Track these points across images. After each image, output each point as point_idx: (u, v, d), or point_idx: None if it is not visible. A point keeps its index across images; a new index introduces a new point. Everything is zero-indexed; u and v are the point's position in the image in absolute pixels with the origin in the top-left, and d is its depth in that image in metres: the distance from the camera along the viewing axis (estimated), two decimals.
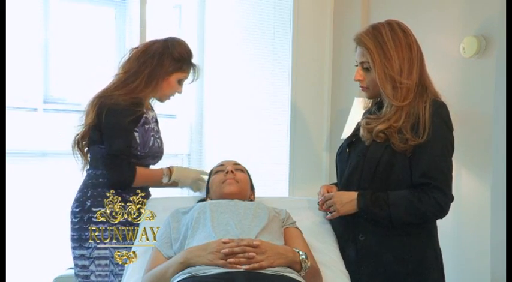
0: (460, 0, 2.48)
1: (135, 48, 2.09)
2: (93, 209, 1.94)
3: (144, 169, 2.01)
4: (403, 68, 1.66)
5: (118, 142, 1.94)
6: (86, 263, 1.93)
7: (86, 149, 2.05)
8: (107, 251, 1.93)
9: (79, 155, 2.06)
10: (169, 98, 2.15)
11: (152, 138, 2.03)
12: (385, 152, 1.65)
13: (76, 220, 1.96)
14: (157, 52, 2.02)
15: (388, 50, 1.67)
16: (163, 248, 1.65)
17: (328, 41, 3.37)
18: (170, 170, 2.04)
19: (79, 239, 1.94)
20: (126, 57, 2.07)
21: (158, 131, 2.13)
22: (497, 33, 2.25)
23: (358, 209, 1.67)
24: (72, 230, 1.97)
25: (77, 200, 1.99)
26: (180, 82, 2.10)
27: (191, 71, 2.12)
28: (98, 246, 1.91)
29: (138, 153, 1.99)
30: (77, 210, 1.97)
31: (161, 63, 2.02)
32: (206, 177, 2.04)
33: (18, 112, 2.74)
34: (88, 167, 2.05)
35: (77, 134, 2.03)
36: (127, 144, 1.95)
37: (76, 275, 1.97)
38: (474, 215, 2.36)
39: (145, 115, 2.02)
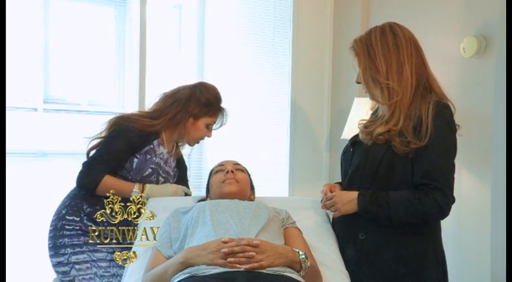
0: (460, 0, 2.48)
1: (164, 92, 2.13)
2: (67, 217, 1.97)
3: (113, 179, 1.97)
4: (389, 70, 1.66)
5: (104, 151, 1.98)
6: (66, 269, 1.93)
7: None
8: (85, 255, 1.93)
9: None
10: (198, 142, 2.18)
11: (150, 169, 2.03)
12: (386, 153, 1.66)
13: (51, 228, 1.99)
14: (184, 97, 2.07)
15: (374, 52, 1.68)
16: (163, 248, 1.65)
17: (328, 41, 3.37)
18: (143, 187, 2.00)
19: (54, 246, 1.96)
20: (156, 100, 2.12)
21: (169, 173, 2.12)
22: (497, 33, 2.25)
23: (358, 209, 1.67)
24: (48, 238, 1.99)
25: (56, 209, 2.03)
26: (208, 126, 2.13)
27: (219, 115, 2.15)
28: (74, 251, 1.93)
29: (129, 176, 2.00)
30: (53, 218, 2.01)
31: (186, 108, 2.06)
32: (184, 193, 2.08)
33: (18, 112, 2.74)
34: None
35: (89, 147, 2.06)
36: (111, 158, 1.97)
37: (61, 281, 1.97)
38: (474, 215, 2.36)
39: (151, 146, 2.04)
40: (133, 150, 2.00)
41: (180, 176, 2.22)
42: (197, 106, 2.07)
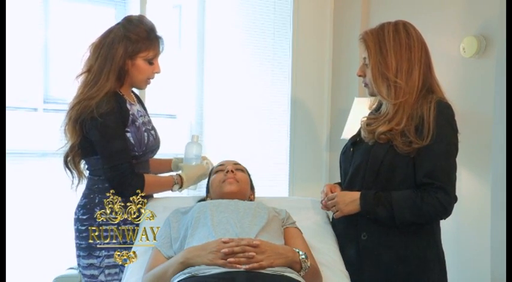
0: (460, 0, 2.48)
1: (93, 43, 1.90)
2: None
3: (153, 177, 1.90)
4: (400, 68, 1.66)
5: (114, 153, 1.80)
6: (95, 272, 1.83)
7: (79, 162, 1.93)
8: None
9: (70, 173, 1.93)
10: (149, 82, 1.96)
11: (146, 133, 1.92)
12: (388, 152, 1.66)
13: (84, 228, 1.83)
14: (111, 41, 1.85)
15: (386, 48, 1.68)
16: (163, 248, 1.65)
17: (328, 41, 3.37)
18: (181, 177, 1.92)
19: (88, 247, 1.82)
20: (87, 54, 1.89)
21: (150, 122, 2.00)
22: (497, 33, 2.25)
23: (361, 209, 1.67)
24: (80, 238, 1.84)
25: (83, 206, 1.86)
26: (150, 62, 1.91)
27: (154, 45, 1.91)
28: (109, 254, 1.81)
29: (136, 153, 1.88)
30: (85, 217, 1.84)
31: (115, 51, 1.84)
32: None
33: (18, 112, 2.74)
34: (89, 174, 1.94)
35: (65, 155, 1.92)
36: (123, 151, 1.82)
37: None
38: (474, 215, 2.36)
39: (130, 112, 1.88)
40: (123, 128, 1.84)
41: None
42: (128, 45, 1.84)
